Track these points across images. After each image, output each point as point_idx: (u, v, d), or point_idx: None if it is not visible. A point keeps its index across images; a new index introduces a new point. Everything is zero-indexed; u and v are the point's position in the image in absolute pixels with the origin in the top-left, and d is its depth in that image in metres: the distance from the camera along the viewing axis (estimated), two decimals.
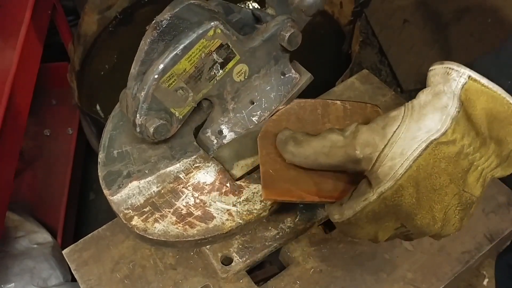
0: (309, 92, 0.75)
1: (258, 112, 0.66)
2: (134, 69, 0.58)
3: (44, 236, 1.22)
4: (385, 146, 0.52)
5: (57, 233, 1.28)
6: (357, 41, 1.26)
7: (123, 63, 1.33)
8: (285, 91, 0.66)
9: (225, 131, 0.65)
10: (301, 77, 0.66)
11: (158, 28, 0.56)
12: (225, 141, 0.66)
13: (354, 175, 0.57)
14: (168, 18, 0.56)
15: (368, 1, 1.55)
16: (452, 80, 0.51)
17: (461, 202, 0.53)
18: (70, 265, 0.68)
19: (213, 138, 0.65)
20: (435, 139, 0.50)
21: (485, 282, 0.74)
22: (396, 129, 0.52)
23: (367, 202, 0.53)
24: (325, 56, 1.27)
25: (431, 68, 0.54)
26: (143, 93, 0.57)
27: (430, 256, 0.68)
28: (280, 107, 0.66)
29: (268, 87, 0.65)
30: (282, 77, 0.66)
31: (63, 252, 0.69)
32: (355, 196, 0.55)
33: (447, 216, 0.53)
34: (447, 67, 0.52)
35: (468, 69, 0.51)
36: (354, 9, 1.31)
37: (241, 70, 0.62)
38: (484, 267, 0.72)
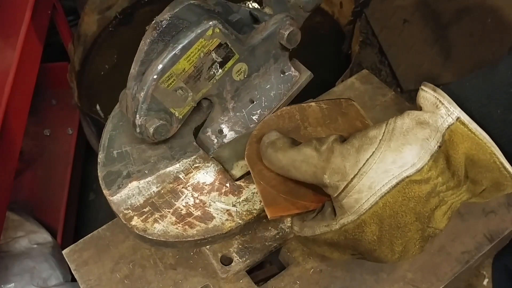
0: (309, 92, 0.75)
1: (258, 111, 0.66)
2: (134, 69, 0.58)
3: (44, 236, 1.22)
4: (354, 176, 0.49)
5: (57, 233, 1.28)
6: (357, 41, 1.26)
7: (123, 63, 1.33)
8: (285, 89, 0.66)
9: (225, 130, 0.65)
10: (301, 75, 0.66)
11: (158, 28, 0.56)
12: (225, 140, 0.65)
13: None
14: (168, 18, 0.56)
15: (368, 1, 1.55)
16: (440, 116, 0.48)
17: (423, 236, 0.51)
18: (70, 265, 0.68)
19: (213, 137, 0.65)
20: (407, 176, 0.48)
21: (485, 282, 0.74)
22: (370, 157, 0.49)
23: (328, 229, 0.52)
24: (325, 56, 1.27)
25: (424, 87, 0.50)
26: (142, 94, 0.57)
27: (430, 256, 0.68)
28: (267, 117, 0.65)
29: (268, 86, 0.65)
30: (281, 75, 0.65)
31: (63, 252, 0.69)
32: (319, 218, 0.54)
33: (406, 248, 0.51)
34: (437, 99, 0.49)
35: (458, 108, 0.48)
36: (354, 9, 1.31)
37: (240, 69, 0.62)
38: (484, 267, 0.72)
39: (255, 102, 0.65)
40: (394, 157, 0.48)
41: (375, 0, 1.82)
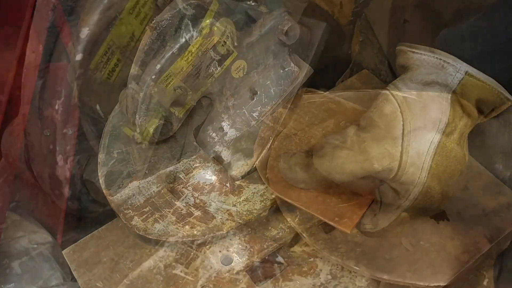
0: None
1: (259, 108, 0.66)
2: (134, 69, 0.58)
3: (44, 236, 1.22)
4: (401, 153, 0.52)
5: (57, 233, 1.28)
6: (357, 41, 1.26)
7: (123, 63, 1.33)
8: (285, 85, 0.66)
9: (226, 127, 0.65)
10: (301, 70, 0.66)
11: (158, 28, 0.56)
12: (226, 138, 0.65)
13: None
14: (168, 18, 0.56)
15: (368, 1, 1.54)
16: (449, 74, 0.52)
17: (462, 172, 0.56)
18: (70, 265, 0.68)
19: (214, 135, 0.65)
20: (442, 132, 0.52)
21: (485, 282, 0.74)
22: (403, 130, 0.52)
23: (401, 210, 0.56)
24: (325, 56, 1.27)
25: (417, 50, 0.54)
26: (141, 94, 0.57)
27: (430, 256, 0.68)
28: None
29: (268, 82, 0.65)
30: (281, 71, 0.65)
31: (63, 252, 0.69)
32: (387, 206, 0.57)
33: (453, 190, 0.57)
34: (442, 60, 0.52)
35: (464, 63, 0.52)
36: (354, 9, 1.31)
37: (239, 66, 0.61)
38: (484, 267, 0.72)
39: (255, 99, 0.65)
40: (422, 121, 0.52)
41: (375, 0, 1.81)
